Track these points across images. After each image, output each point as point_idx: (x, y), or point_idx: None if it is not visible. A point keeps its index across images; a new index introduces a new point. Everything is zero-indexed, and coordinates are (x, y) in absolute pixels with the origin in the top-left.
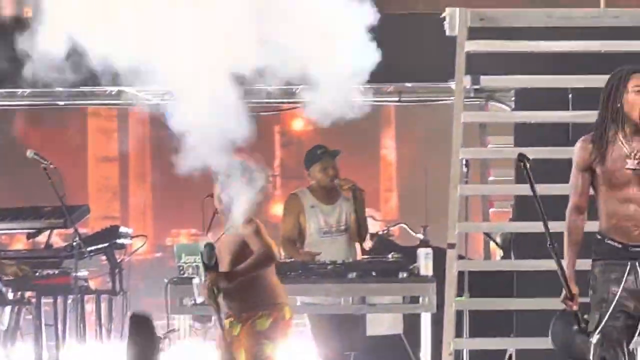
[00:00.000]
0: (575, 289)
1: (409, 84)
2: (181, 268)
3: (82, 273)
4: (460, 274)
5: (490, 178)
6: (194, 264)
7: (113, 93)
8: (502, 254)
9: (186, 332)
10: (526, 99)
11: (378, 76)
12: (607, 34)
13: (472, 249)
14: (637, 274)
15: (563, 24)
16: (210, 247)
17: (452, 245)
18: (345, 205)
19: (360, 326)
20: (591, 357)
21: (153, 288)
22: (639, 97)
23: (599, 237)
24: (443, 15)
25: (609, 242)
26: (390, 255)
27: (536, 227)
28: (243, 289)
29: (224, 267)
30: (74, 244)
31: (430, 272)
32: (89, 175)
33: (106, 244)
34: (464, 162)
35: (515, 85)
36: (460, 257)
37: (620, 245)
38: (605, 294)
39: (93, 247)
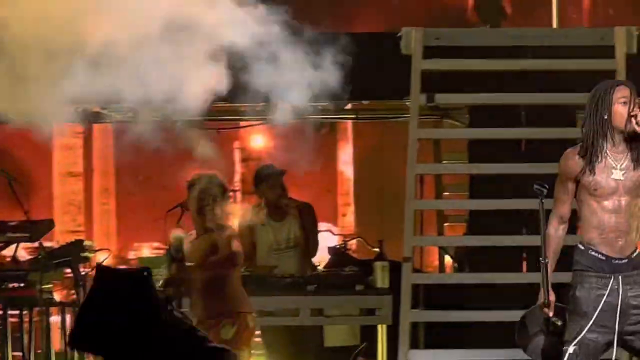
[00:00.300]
0: (552, 296)
1: (365, 102)
2: None
3: (47, 285)
4: (416, 286)
5: (445, 193)
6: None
7: (79, 110)
8: (456, 267)
9: None
10: (480, 117)
11: (336, 94)
12: (559, 52)
13: (427, 262)
14: (619, 287)
15: (516, 42)
16: (178, 239)
17: (407, 259)
18: (293, 222)
19: (318, 338)
20: None
21: None
22: (625, 109)
23: (581, 247)
24: (399, 34)
25: (592, 253)
26: (347, 268)
27: (489, 240)
28: (208, 296)
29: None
30: (39, 257)
31: (386, 285)
32: (54, 190)
33: (71, 257)
34: (419, 177)
35: (469, 103)
36: (416, 270)
37: (603, 257)
38: (585, 305)
39: (58, 260)
